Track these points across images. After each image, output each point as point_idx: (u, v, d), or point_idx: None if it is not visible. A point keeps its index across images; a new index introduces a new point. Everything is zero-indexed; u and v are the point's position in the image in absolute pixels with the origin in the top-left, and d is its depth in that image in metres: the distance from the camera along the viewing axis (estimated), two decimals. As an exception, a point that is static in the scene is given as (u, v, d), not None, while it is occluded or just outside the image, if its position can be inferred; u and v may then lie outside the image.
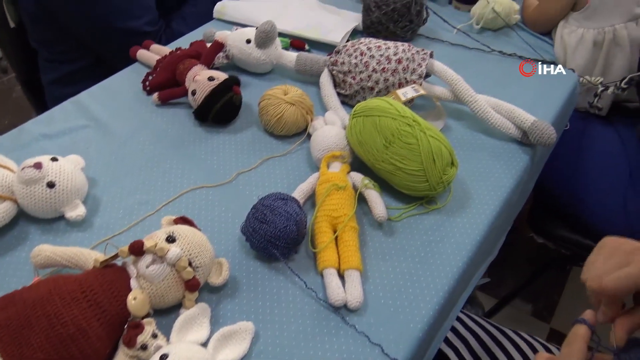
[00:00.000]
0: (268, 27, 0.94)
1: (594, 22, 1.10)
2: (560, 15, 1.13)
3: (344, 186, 0.73)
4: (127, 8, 1.13)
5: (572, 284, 1.62)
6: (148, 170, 0.82)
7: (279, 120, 0.85)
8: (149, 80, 0.96)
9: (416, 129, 0.73)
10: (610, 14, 1.09)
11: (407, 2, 1.06)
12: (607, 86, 1.09)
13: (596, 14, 1.09)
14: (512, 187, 0.84)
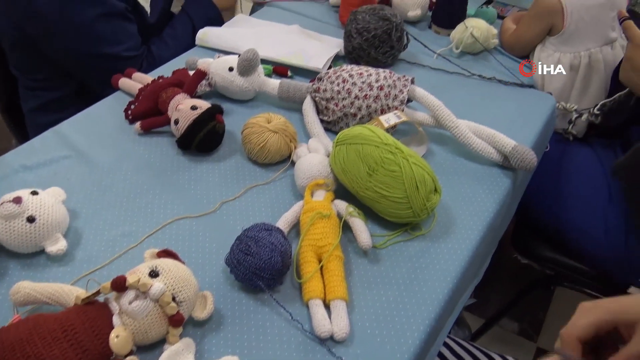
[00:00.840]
0: (250, 55, 0.94)
1: (570, 46, 1.13)
2: (536, 39, 1.16)
3: (328, 214, 0.73)
4: (109, 34, 1.13)
5: (557, 303, 1.63)
6: (130, 201, 0.81)
7: (262, 148, 0.85)
8: (131, 109, 0.96)
9: (399, 157, 0.74)
10: (586, 38, 1.12)
11: (388, 29, 1.08)
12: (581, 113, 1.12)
13: (572, 39, 1.12)
14: (495, 211, 0.85)
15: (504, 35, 1.22)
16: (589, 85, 1.16)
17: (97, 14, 1.09)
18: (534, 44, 1.17)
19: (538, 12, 1.13)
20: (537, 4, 1.13)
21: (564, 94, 1.17)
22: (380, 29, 1.07)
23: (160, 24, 1.27)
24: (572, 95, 1.17)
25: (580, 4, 1.09)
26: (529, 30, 1.15)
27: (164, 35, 1.25)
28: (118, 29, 1.14)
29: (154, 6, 1.24)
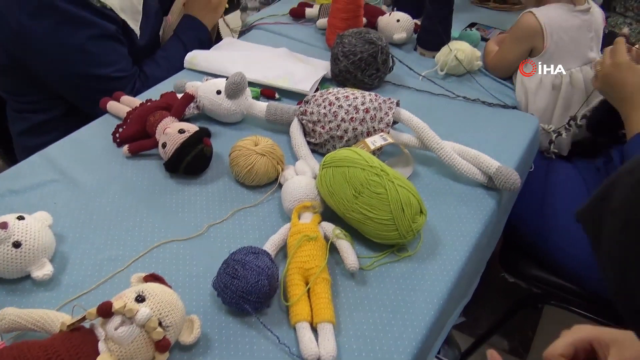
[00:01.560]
0: (238, 78, 0.95)
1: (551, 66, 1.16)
2: (518, 60, 1.18)
3: (315, 237, 0.73)
4: (100, 55, 1.13)
5: (546, 321, 1.63)
6: (117, 224, 0.81)
7: (249, 171, 0.85)
8: (119, 132, 0.96)
9: (384, 179, 0.75)
10: (566, 58, 1.15)
11: (374, 52, 1.09)
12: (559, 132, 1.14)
13: (553, 59, 1.15)
14: (480, 231, 0.86)
15: (487, 57, 1.25)
16: (571, 104, 1.19)
17: (87, 36, 1.10)
18: (517, 64, 1.19)
19: (519, 35, 1.16)
20: (518, 27, 1.16)
21: (547, 113, 1.19)
22: (366, 52, 1.09)
23: (150, 46, 1.28)
24: (555, 114, 1.20)
25: (559, 25, 1.12)
26: (511, 52, 1.18)
27: (156, 57, 1.26)
28: (109, 50, 1.15)
29: (143, 29, 1.25)
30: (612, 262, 0.44)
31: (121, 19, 1.16)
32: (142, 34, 1.24)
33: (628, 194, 0.41)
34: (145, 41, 1.25)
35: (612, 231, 0.44)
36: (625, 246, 0.41)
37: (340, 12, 1.23)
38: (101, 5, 1.10)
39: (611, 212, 0.43)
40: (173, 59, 1.26)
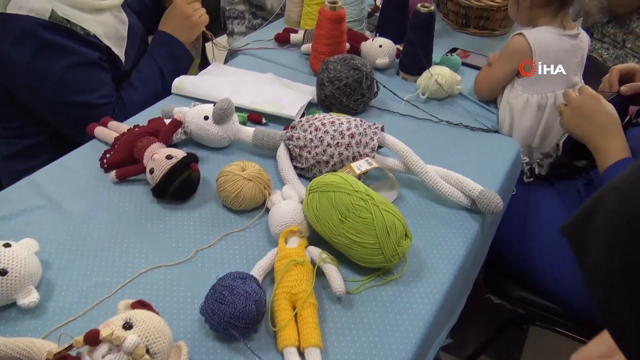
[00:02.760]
0: (225, 104, 0.97)
1: (537, 87, 1.19)
2: (506, 79, 1.21)
3: (302, 261, 0.74)
4: (82, 83, 1.14)
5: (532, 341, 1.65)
6: (105, 250, 0.81)
7: (237, 195, 0.86)
8: (106, 157, 0.97)
9: (370, 203, 0.76)
10: (552, 81, 1.18)
11: (359, 78, 1.12)
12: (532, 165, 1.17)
13: (539, 81, 1.18)
14: (464, 254, 0.87)
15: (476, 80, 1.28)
16: (553, 125, 1.22)
17: (69, 64, 1.10)
18: (504, 83, 1.22)
19: (509, 54, 1.19)
20: (508, 47, 1.20)
21: (531, 132, 1.22)
22: (351, 78, 1.11)
23: (135, 71, 1.29)
24: (537, 135, 1.23)
25: (548, 48, 1.15)
26: (500, 71, 1.21)
27: (132, 80, 1.26)
28: (91, 78, 1.15)
29: (128, 54, 1.26)
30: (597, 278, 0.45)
31: (105, 45, 1.17)
32: (127, 60, 1.25)
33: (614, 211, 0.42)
34: (130, 66, 1.26)
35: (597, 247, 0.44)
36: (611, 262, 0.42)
37: (323, 38, 1.25)
38: (85, 33, 1.11)
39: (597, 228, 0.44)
40: (148, 79, 1.26)
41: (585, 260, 0.46)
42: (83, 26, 1.11)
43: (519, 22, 1.28)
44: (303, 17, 1.50)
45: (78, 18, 1.11)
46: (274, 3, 1.80)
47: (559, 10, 1.16)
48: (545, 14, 1.17)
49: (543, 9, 1.16)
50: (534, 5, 1.16)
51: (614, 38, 2.04)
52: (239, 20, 2.00)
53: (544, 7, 1.16)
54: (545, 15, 1.17)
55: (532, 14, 1.19)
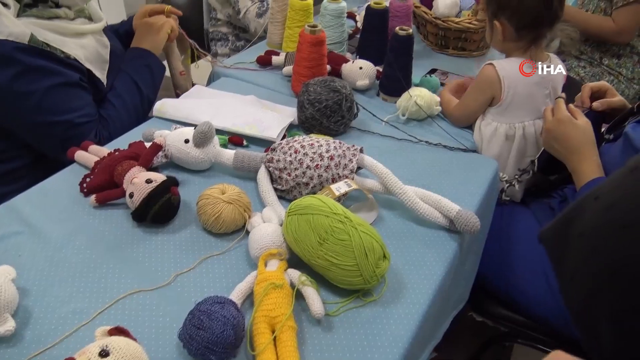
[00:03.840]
0: (205, 128, 0.98)
1: (506, 117, 1.22)
2: (480, 109, 1.24)
3: (281, 284, 0.75)
4: (63, 103, 1.14)
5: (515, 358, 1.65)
6: (83, 276, 0.81)
7: (217, 219, 0.87)
8: (86, 182, 0.97)
9: (348, 226, 0.77)
10: (520, 111, 1.21)
11: (338, 100, 1.13)
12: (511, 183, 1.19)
13: (508, 111, 1.21)
14: (443, 273, 0.88)
15: (446, 106, 1.29)
16: (525, 153, 1.25)
17: (50, 84, 1.11)
18: (478, 113, 1.25)
19: (481, 85, 1.22)
20: (480, 77, 1.22)
21: (502, 160, 1.24)
22: (331, 100, 1.13)
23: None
24: (509, 163, 1.25)
25: (516, 80, 1.18)
26: (474, 101, 1.24)
27: (108, 96, 1.27)
28: (72, 97, 1.16)
29: (110, 77, 1.27)
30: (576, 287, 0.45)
31: (86, 68, 1.18)
32: (109, 82, 1.26)
33: (596, 219, 0.43)
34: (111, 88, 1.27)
35: (577, 257, 0.45)
36: (591, 272, 0.43)
37: (304, 61, 1.27)
38: (65, 56, 1.12)
39: (577, 236, 0.45)
40: (124, 93, 1.26)
41: (562, 267, 0.46)
42: (63, 50, 1.12)
43: (494, 48, 1.31)
44: (285, 40, 1.52)
45: (58, 42, 1.11)
46: (257, 26, 1.82)
47: (529, 46, 1.19)
48: (516, 48, 1.20)
49: (515, 43, 1.20)
50: (506, 39, 1.20)
51: (591, 55, 2.09)
52: (222, 42, 2.02)
53: (516, 41, 1.19)
54: (517, 49, 1.20)
55: (505, 46, 1.22)
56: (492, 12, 1.19)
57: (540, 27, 1.15)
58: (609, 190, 0.42)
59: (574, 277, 0.44)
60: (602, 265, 0.40)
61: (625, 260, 0.38)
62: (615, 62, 2.05)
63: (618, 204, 0.40)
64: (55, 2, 1.15)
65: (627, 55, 2.02)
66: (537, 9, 1.12)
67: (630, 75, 2.03)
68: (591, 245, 0.42)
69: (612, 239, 0.40)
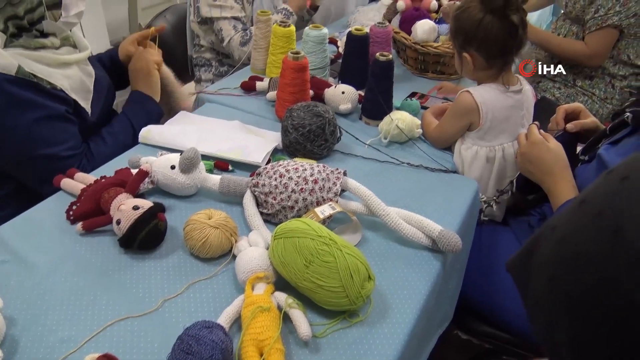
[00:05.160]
0: (191, 154, 0.99)
1: (486, 141, 1.26)
2: (458, 134, 1.28)
3: (268, 307, 0.76)
4: (48, 136, 1.15)
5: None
6: (71, 304, 0.81)
7: (204, 244, 0.88)
8: (72, 209, 0.97)
9: (333, 248, 0.79)
10: (499, 134, 1.25)
11: (322, 124, 1.16)
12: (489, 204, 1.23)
13: (488, 135, 1.25)
14: (427, 293, 0.90)
15: (427, 128, 1.33)
16: (505, 174, 1.28)
17: (37, 117, 1.12)
18: (456, 137, 1.29)
19: (458, 111, 1.26)
20: (457, 104, 1.26)
21: (483, 182, 1.28)
22: (314, 124, 1.16)
23: (101, 122, 1.31)
24: (490, 184, 1.29)
25: (493, 105, 1.22)
26: (452, 127, 1.27)
27: (103, 133, 1.29)
28: (58, 130, 1.17)
29: (94, 106, 1.28)
30: (540, 313, 0.48)
31: (72, 98, 1.19)
32: (93, 111, 1.27)
33: (552, 250, 0.46)
34: (96, 118, 1.28)
35: (538, 285, 0.48)
36: (550, 301, 0.45)
37: (287, 87, 1.30)
38: (51, 87, 1.13)
39: (538, 265, 0.48)
40: (119, 135, 1.28)
41: (528, 295, 0.49)
42: (50, 81, 1.13)
43: (466, 77, 1.36)
44: (268, 66, 1.55)
45: (45, 73, 1.13)
46: (240, 54, 1.85)
47: (500, 72, 1.24)
48: (488, 75, 1.25)
49: (486, 71, 1.24)
50: (477, 68, 1.24)
51: (565, 77, 2.16)
52: (206, 67, 2.05)
53: (486, 70, 1.24)
54: (489, 76, 1.25)
55: (476, 74, 1.27)
56: (459, 45, 1.24)
57: (508, 55, 1.20)
58: (564, 221, 0.45)
59: (537, 305, 0.46)
60: (559, 296, 0.43)
61: (579, 291, 0.41)
62: (588, 83, 2.11)
63: (570, 236, 0.43)
64: (39, 30, 1.16)
65: (599, 77, 2.09)
66: (503, 39, 1.17)
67: (603, 96, 2.10)
68: (548, 275, 0.45)
69: (566, 270, 0.42)
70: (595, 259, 0.40)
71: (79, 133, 1.22)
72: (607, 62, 2.05)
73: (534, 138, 1.14)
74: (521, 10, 1.17)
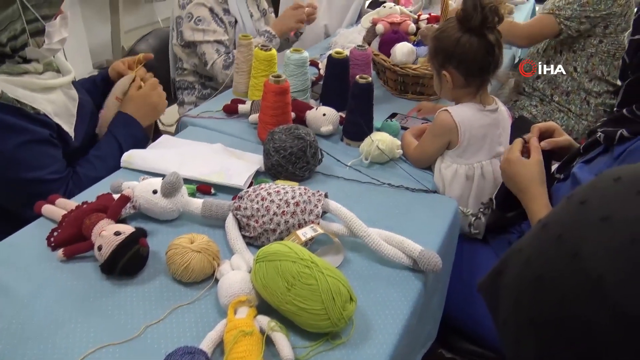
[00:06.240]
0: (173, 178, 1.00)
1: (465, 159, 1.28)
2: (438, 153, 1.30)
3: (250, 331, 0.76)
4: (32, 160, 1.15)
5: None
6: (51, 332, 0.80)
7: (186, 268, 0.88)
8: (53, 236, 0.97)
9: (315, 270, 0.80)
10: (477, 152, 1.28)
11: (303, 146, 1.18)
12: (477, 215, 1.25)
13: (466, 153, 1.27)
14: (409, 312, 0.91)
15: (407, 148, 1.36)
16: (484, 192, 1.31)
17: (20, 142, 1.12)
18: (436, 156, 1.31)
19: (437, 130, 1.28)
20: (436, 123, 1.29)
21: (463, 200, 1.30)
22: (295, 147, 1.17)
23: (85, 147, 1.31)
24: (470, 202, 1.31)
25: (471, 124, 1.25)
26: (431, 146, 1.30)
27: (90, 156, 1.29)
28: (42, 154, 1.17)
29: (78, 130, 1.28)
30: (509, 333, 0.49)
31: (55, 122, 1.19)
32: (77, 135, 1.27)
33: (517, 272, 0.47)
34: (79, 142, 1.28)
35: (505, 307, 0.49)
36: (517, 322, 0.47)
37: (269, 109, 1.32)
38: (35, 112, 1.14)
39: (505, 286, 0.49)
40: (107, 158, 1.28)
41: (497, 315, 0.50)
42: (33, 106, 1.14)
43: (444, 98, 1.39)
44: (250, 88, 1.57)
45: (28, 98, 1.13)
46: (224, 77, 1.87)
47: (477, 90, 1.27)
48: (466, 94, 1.28)
49: (464, 89, 1.28)
50: (455, 87, 1.28)
51: (543, 92, 2.22)
52: (189, 90, 2.06)
53: (464, 88, 1.27)
54: (467, 95, 1.28)
55: (455, 93, 1.30)
56: (439, 64, 1.27)
57: (486, 73, 1.24)
58: (528, 243, 0.46)
59: (505, 325, 0.47)
60: (524, 317, 0.44)
61: (541, 313, 0.42)
62: (565, 98, 2.17)
63: (532, 259, 0.44)
64: (22, 57, 1.17)
65: (575, 92, 2.15)
66: (481, 56, 1.20)
67: (578, 112, 2.15)
68: (513, 297, 0.46)
69: (528, 293, 0.44)
70: (555, 282, 0.41)
71: (62, 157, 1.22)
72: (583, 77, 2.11)
73: (510, 155, 1.17)
74: (496, 31, 1.21)
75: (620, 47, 2.02)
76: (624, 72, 1.04)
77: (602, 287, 0.37)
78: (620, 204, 0.40)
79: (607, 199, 0.41)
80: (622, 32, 2.01)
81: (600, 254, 0.38)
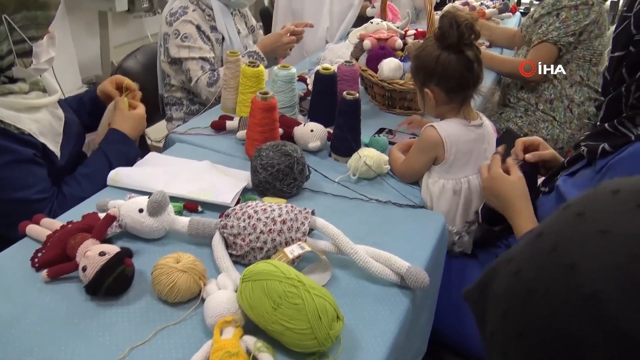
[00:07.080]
0: (159, 197, 0.99)
1: (451, 174, 1.29)
2: (424, 168, 1.31)
3: (236, 352, 0.75)
4: (17, 180, 1.14)
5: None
6: (34, 355, 0.79)
7: (172, 288, 0.87)
8: (38, 256, 0.96)
9: (301, 289, 0.79)
10: (464, 167, 1.29)
11: (290, 163, 1.18)
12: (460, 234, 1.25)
13: (453, 168, 1.28)
14: (397, 330, 0.90)
15: (394, 163, 1.36)
16: (471, 205, 1.31)
17: (4, 162, 1.11)
18: (422, 172, 1.32)
19: (423, 146, 1.29)
20: (422, 139, 1.30)
21: (450, 215, 1.30)
22: (283, 163, 1.17)
23: (71, 165, 1.30)
24: (457, 216, 1.31)
25: (457, 139, 1.26)
26: (418, 161, 1.31)
27: (77, 174, 1.28)
28: (27, 174, 1.16)
29: (64, 149, 1.27)
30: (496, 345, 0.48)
31: (41, 142, 1.19)
32: (63, 155, 1.27)
33: (506, 284, 0.46)
34: (65, 161, 1.27)
35: (493, 318, 0.48)
36: (505, 335, 0.46)
37: (257, 126, 1.32)
38: (19, 132, 1.13)
39: (493, 298, 0.48)
40: (95, 176, 1.27)
41: (484, 327, 0.49)
42: (17, 126, 1.13)
43: (428, 115, 1.40)
44: (238, 105, 1.57)
45: (13, 118, 1.13)
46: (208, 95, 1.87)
47: (460, 106, 1.28)
48: (450, 110, 1.30)
49: (447, 105, 1.29)
50: (439, 104, 1.29)
51: (528, 101, 2.25)
52: (177, 106, 2.06)
53: (447, 104, 1.29)
54: (451, 110, 1.30)
55: (438, 110, 1.31)
56: (421, 83, 1.29)
57: (466, 88, 1.25)
58: (520, 253, 0.45)
59: (492, 337, 0.46)
60: (511, 329, 0.43)
61: (532, 326, 0.41)
62: (549, 106, 2.20)
63: (524, 270, 0.43)
64: (9, 77, 1.16)
65: (558, 99, 2.18)
66: (461, 72, 1.22)
67: (562, 120, 2.19)
68: (502, 308, 0.45)
69: (519, 305, 0.43)
70: (549, 294, 0.39)
71: (48, 177, 1.21)
72: (564, 83, 2.15)
73: (493, 171, 1.18)
74: (474, 47, 1.22)
75: (596, 52, 2.10)
76: (605, 88, 1.06)
77: (597, 303, 0.36)
78: (619, 217, 0.38)
79: (606, 212, 0.40)
80: (595, 38, 2.08)
81: (596, 268, 0.37)
